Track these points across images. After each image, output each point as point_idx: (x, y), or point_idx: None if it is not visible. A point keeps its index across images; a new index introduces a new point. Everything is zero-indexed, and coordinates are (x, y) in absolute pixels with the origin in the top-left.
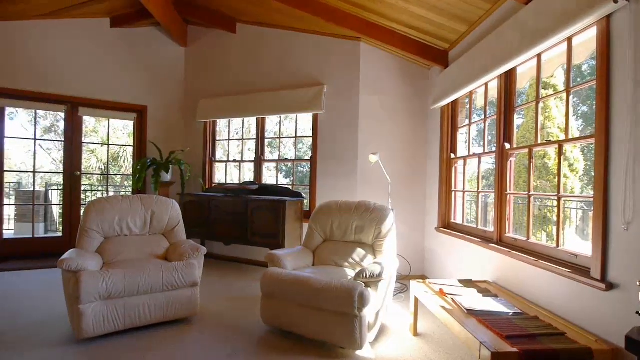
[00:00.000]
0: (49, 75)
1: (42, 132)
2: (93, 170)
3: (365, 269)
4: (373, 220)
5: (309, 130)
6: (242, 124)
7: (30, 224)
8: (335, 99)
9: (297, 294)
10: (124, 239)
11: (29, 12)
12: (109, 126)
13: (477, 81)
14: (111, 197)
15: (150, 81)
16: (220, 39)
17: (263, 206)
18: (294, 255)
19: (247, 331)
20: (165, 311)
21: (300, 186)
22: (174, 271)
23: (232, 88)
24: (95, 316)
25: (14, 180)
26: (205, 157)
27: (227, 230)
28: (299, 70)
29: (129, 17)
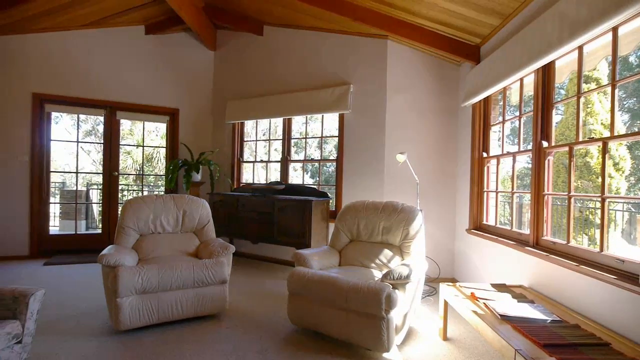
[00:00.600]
0: (89, 81)
1: (83, 135)
2: (129, 171)
3: (392, 270)
4: (401, 221)
5: (335, 130)
6: (269, 124)
7: (73, 221)
8: (361, 98)
9: (323, 294)
10: (158, 237)
11: (73, 23)
12: (143, 129)
13: (512, 76)
14: (146, 196)
15: (182, 85)
16: (247, 41)
17: (289, 206)
18: (320, 254)
19: (275, 329)
20: (196, 307)
21: (325, 186)
22: (204, 268)
23: (259, 89)
24: (132, 309)
25: (59, 180)
26: (233, 158)
27: (254, 229)
28: (325, 70)
29: (163, 24)
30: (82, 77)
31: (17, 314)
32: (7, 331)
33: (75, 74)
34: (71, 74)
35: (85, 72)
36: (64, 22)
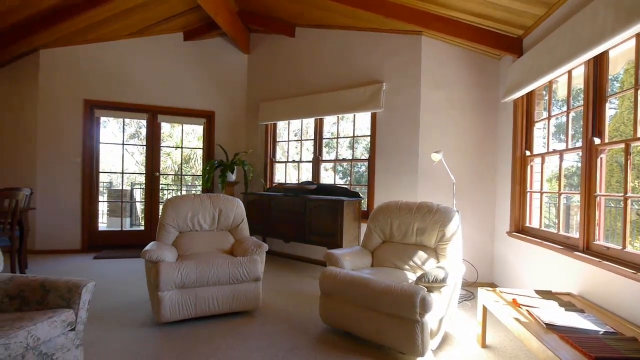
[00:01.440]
0: (133, 87)
1: (128, 138)
2: (168, 171)
3: (427, 272)
4: (436, 222)
5: (367, 130)
6: (300, 125)
7: (119, 218)
8: (394, 96)
9: (356, 294)
10: (196, 234)
11: (119, 33)
12: (182, 131)
13: (559, 69)
14: (185, 196)
15: (218, 88)
16: (279, 43)
17: (321, 205)
18: (352, 255)
19: (307, 328)
20: (230, 303)
21: (357, 186)
22: (239, 265)
23: (291, 90)
24: (172, 303)
25: (106, 180)
26: (266, 158)
27: (286, 228)
28: (357, 69)
29: (200, 30)
30: (126, 84)
31: (71, 303)
32: (63, 319)
33: (121, 80)
34: (117, 80)
35: (130, 79)
36: (111, 32)
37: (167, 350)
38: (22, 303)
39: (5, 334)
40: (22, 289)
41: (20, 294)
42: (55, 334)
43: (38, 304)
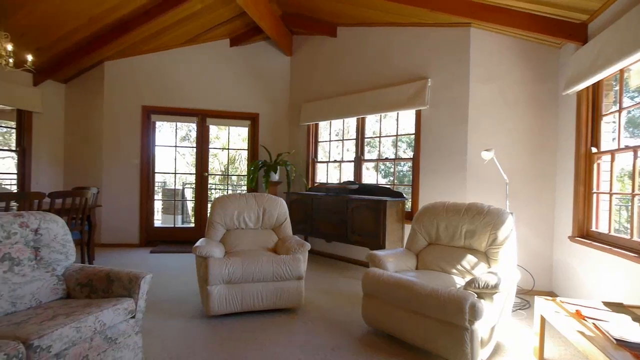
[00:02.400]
0: (184, 93)
1: (179, 141)
2: (215, 172)
3: (477, 278)
4: (487, 224)
5: (410, 128)
6: (342, 125)
7: (172, 215)
8: (440, 93)
9: (400, 297)
10: (241, 232)
11: (171, 43)
12: (228, 133)
13: (632, 55)
14: (231, 195)
15: (261, 90)
16: (321, 44)
17: (363, 206)
18: (396, 256)
19: (349, 328)
20: (274, 299)
21: (400, 186)
22: (282, 264)
23: (332, 90)
24: (220, 297)
25: (161, 180)
26: (308, 158)
27: (328, 228)
28: (400, 66)
29: (245, 35)
30: (178, 90)
31: (132, 293)
32: (125, 307)
33: (173, 87)
34: (170, 87)
35: (181, 85)
36: (164, 43)
37: (216, 341)
38: (90, 291)
39: (77, 318)
40: (90, 278)
41: (89, 282)
42: (118, 321)
43: (104, 292)
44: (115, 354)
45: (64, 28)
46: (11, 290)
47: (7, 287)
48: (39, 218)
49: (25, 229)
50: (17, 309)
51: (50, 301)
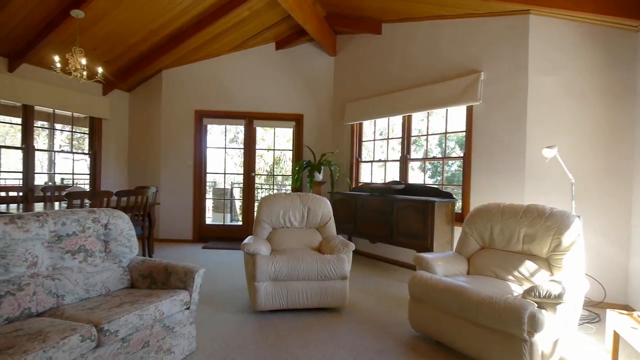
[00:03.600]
0: (233, 97)
1: (228, 142)
2: (261, 172)
3: (537, 286)
4: (549, 228)
5: (459, 125)
6: (386, 123)
7: (222, 214)
8: (494, 86)
9: (450, 303)
10: (287, 231)
11: (220, 50)
12: (274, 134)
13: None
14: (277, 195)
15: (306, 91)
16: (366, 42)
17: (409, 206)
18: (445, 260)
19: (394, 332)
20: (319, 298)
21: (448, 186)
22: (327, 263)
23: (377, 89)
24: (266, 293)
25: (211, 179)
26: (352, 158)
27: (372, 228)
28: (450, 61)
29: (289, 38)
30: (227, 94)
31: (187, 285)
32: (181, 298)
33: (223, 91)
34: (220, 91)
35: (230, 89)
36: (214, 50)
37: (262, 336)
38: (151, 282)
39: (140, 307)
40: (151, 270)
41: (150, 274)
42: (175, 311)
43: (162, 284)
44: (172, 342)
45: (127, 42)
46: (85, 278)
47: (82, 275)
48: (108, 214)
49: (97, 224)
50: (90, 296)
51: (117, 290)
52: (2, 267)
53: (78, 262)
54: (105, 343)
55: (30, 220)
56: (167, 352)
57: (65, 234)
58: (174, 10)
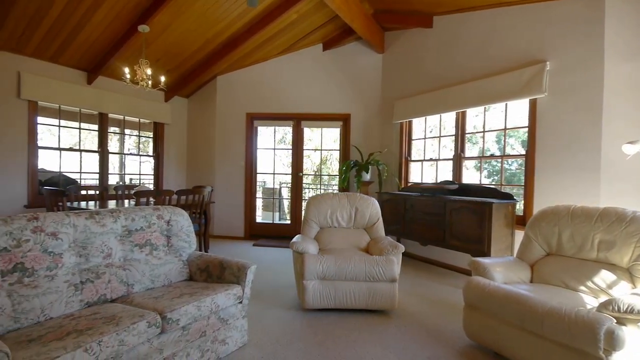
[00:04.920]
0: (281, 99)
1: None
2: (308, 172)
3: (617, 299)
4: (631, 235)
5: (520, 120)
6: (438, 121)
7: (271, 212)
8: (562, 77)
9: (510, 312)
10: (334, 230)
11: (269, 54)
12: (321, 135)
13: None
14: (325, 194)
15: (353, 91)
16: (415, 37)
17: (464, 208)
18: (504, 266)
19: (447, 339)
20: (367, 300)
21: (507, 186)
22: (375, 264)
23: (427, 85)
24: (314, 292)
25: (261, 179)
26: (401, 157)
27: (423, 230)
28: (509, 51)
29: (337, 38)
30: (276, 96)
31: (240, 280)
32: (234, 292)
33: (272, 94)
34: (269, 94)
35: (278, 92)
36: (264, 55)
37: (311, 333)
38: (207, 275)
39: (198, 298)
40: (207, 264)
41: (207, 268)
42: (229, 304)
43: (218, 278)
44: (226, 333)
45: (186, 51)
46: (151, 270)
47: (148, 267)
48: (170, 211)
49: (160, 220)
50: (154, 286)
51: (178, 282)
52: (83, 257)
53: (145, 255)
54: (168, 330)
55: (106, 216)
56: (221, 342)
57: (134, 229)
58: (227, 19)
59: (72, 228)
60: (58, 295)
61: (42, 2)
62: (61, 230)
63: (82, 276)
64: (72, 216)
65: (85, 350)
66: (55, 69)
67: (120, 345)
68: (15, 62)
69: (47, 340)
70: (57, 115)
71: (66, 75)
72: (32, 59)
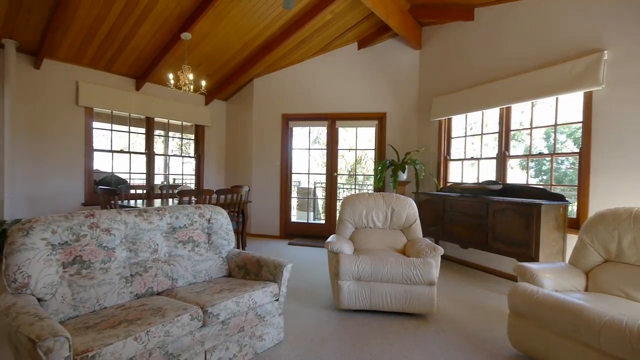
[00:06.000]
0: (316, 99)
1: (311, 143)
2: (342, 172)
3: None
4: None
5: (574, 115)
6: (479, 118)
7: (305, 212)
8: (623, 67)
9: (562, 322)
10: (369, 231)
11: (304, 55)
12: (356, 134)
13: None
14: (360, 194)
15: (389, 89)
16: (455, 31)
17: (509, 209)
18: (555, 272)
19: (490, 348)
20: (403, 302)
21: (558, 186)
22: (412, 267)
23: (468, 81)
24: (349, 292)
25: (296, 179)
26: (439, 156)
27: (463, 232)
28: (559, 41)
29: (372, 36)
30: (311, 97)
31: (276, 278)
32: (271, 290)
33: (307, 94)
34: (304, 95)
35: (313, 92)
36: (298, 56)
37: (346, 334)
38: (245, 273)
39: (237, 295)
40: (245, 262)
41: (244, 265)
42: (266, 301)
43: (255, 275)
44: (263, 329)
45: (225, 56)
46: (193, 265)
47: (191, 263)
48: (210, 210)
49: (202, 218)
50: (196, 281)
51: (217, 277)
52: (133, 251)
53: (187, 251)
54: (209, 324)
55: (153, 214)
56: (259, 338)
57: (178, 226)
58: (263, 22)
59: (123, 225)
60: (111, 286)
61: (97, 16)
62: (114, 227)
63: (132, 270)
64: (123, 214)
65: (135, 339)
66: (108, 77)
67: (165, 336)
68: (73, 73)
69: (102, 328)
70: (109, 120)
71: (117, 83)
72: (88, 68)
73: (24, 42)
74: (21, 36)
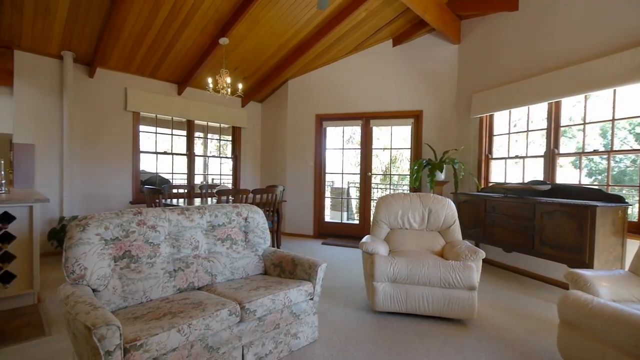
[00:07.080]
0: (350, 99)
1: (345, 143)
2: (377, 171)
3: None
4: None
5: (635, 109)
6: (524, 114)
7: (339, 212)
8: None
9: (621, 335)
10: (405, 232)
11: (338, 54)
12: (391, 133)
13: None
14: (395, 195)
15: (425, 86)
16: (497, 23)
17: (559, 211)
18: (612, 280)
19: (538, 358)
20: (441, 307)
21: (616, 187)
22: (451, 270)
23: (512, 74)
24: (385, 294)
25: (329, 179)
26: (480, 155)
27: (507, 235)
28: (616, 28)
29: (407, 32)
30: (345, 96)
31: (311, 277)
32: (306, 289)
33: (340, 94)
34: (338, 95)
35: (347, 92)
36: (332, 56)
37: (381, 336)
38: (280, 271)
39: (272, 292)
40: (281, 260)
41: (280, 264)
42: (301, 300)
43: (290, 273)
44: (298, 328)
45: (261, 58)
46: (231, 262)
47: (229, 260)
48: (247, 209)
49: (239, 217)
50: (234, 277)
51: (254, 275)
52: (176, 248)
53: (226, 249)
54: (246, 320)
55: (194, 212)
56: (293, 336)
57: (217, 224)
58: (298, 24)
59: (167, 222)
60: (156, 280)
61: (143, 25)
62: (159, 224)
63: (175, 265)
64: (167, 212)
65: (178, 331)
66: (152, 83)
67: (205, 329)
68: (122, 80)
69: (148, 319)
70: (154, 124)
71: (161, 88)
72: (135, 75)
73: (79, 53)
74: (77, 48)
